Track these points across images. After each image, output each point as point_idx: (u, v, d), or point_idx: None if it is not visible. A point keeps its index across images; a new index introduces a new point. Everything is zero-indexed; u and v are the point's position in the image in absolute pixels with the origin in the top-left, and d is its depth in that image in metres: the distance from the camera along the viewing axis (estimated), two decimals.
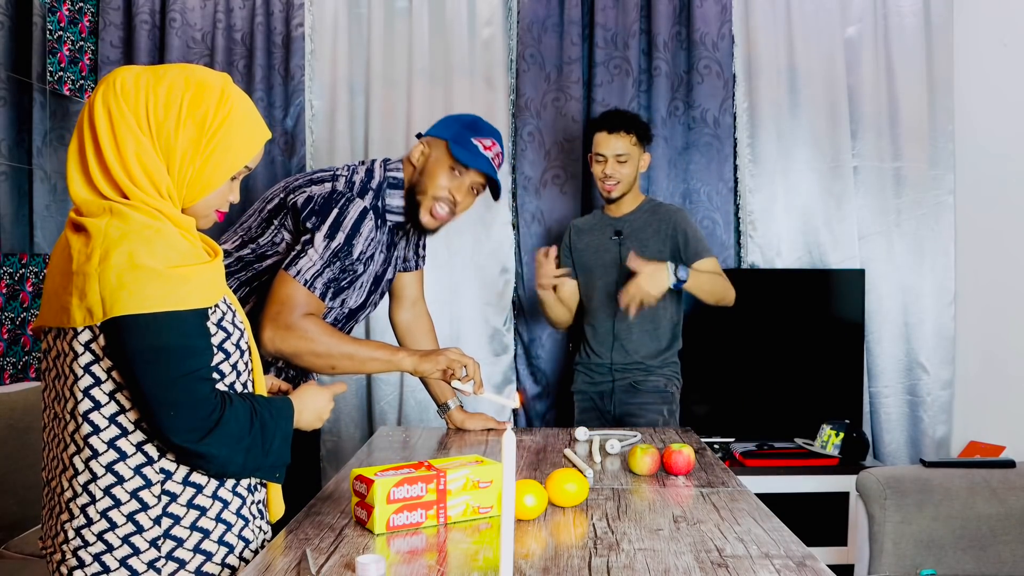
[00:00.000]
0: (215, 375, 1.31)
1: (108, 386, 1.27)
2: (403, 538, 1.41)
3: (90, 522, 1.28)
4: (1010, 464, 2.55)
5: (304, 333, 1.87)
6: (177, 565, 1.29)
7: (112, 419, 1.27)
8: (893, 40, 3.47)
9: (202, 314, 1.28)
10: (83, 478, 1.28)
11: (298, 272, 1.89)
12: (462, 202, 2.08)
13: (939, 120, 3.46)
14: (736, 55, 3.49)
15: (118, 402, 1.27)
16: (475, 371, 1.98)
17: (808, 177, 3.48)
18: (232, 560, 1.36)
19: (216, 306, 1.33)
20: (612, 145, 2.70)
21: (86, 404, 1.27)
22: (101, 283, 1.21)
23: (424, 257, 2.39)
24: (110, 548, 1.27)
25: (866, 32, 3.48)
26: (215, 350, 1.31)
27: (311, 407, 1.49)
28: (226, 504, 1.35)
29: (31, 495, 2.65)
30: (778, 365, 3.41)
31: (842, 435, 3.22)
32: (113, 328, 1.22)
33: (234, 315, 1.37)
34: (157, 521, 1.28)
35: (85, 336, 1.26)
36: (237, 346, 1.37)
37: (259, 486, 1.43)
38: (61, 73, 3.37)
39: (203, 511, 1.32)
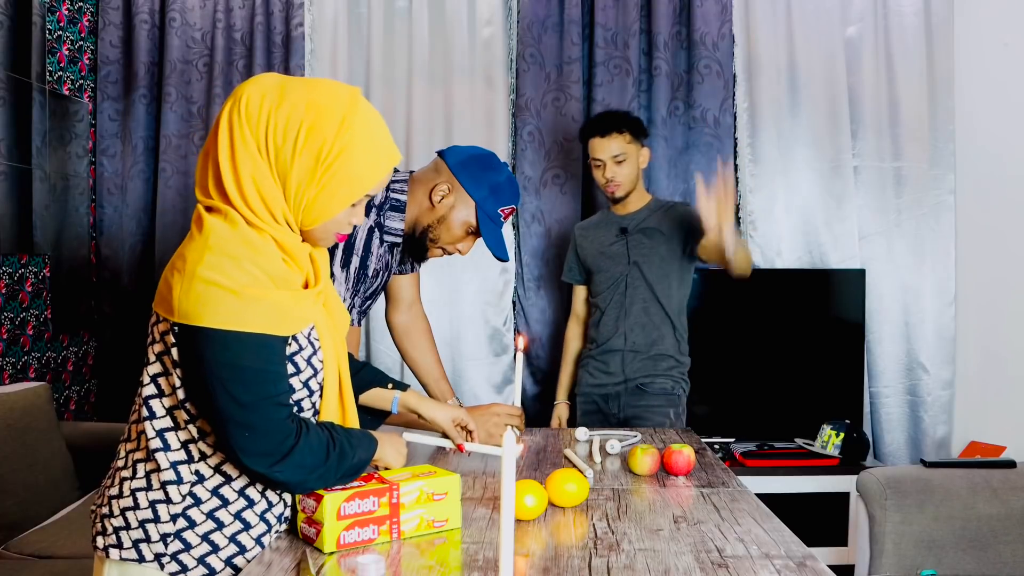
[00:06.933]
0: None
1: (173, 380, 1.27)
2: (356, 555, 1.29)
3: (120, 495, 1.31)
4: (1011, 464, 2.55)
5: None
6: (179, 567, 1.29)
7: (169, 411, 1.29)
8: (893, 40, 3.47)
9: (281, 340, 1.26)
10: (134, 453, 1.32)
11: None
12: (466, 251, 2.13)
13: (939, 120, 3.45)
14: (736, 55, 3.49)
15: (178, 396, 1.27)
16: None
17: (808, 177, 3.48)
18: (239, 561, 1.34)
19: None
20: (607, 148, 2.66)
21: (150, 389, 1.29)
22: (181, 285, 1.21)
23: None
24: (127, 526, 1.30)
25: (866, 32, 3.47)
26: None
27: (395, 446, 1.49)
28: (246, 524, 1.34)
29: (31, 495, 2.64)
30: (778, 365, 3.41)
31: (842, 435, 3.22)
32: (184, 333, 1.22)
33: (310, 330, 1.34)
34: (174, 519, 1.29)
35: (163, 326, 1.27)
36: (309, 363, 1.33)
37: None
38: (60, 73, 3.37)
39: (221, 526, 1.31)
